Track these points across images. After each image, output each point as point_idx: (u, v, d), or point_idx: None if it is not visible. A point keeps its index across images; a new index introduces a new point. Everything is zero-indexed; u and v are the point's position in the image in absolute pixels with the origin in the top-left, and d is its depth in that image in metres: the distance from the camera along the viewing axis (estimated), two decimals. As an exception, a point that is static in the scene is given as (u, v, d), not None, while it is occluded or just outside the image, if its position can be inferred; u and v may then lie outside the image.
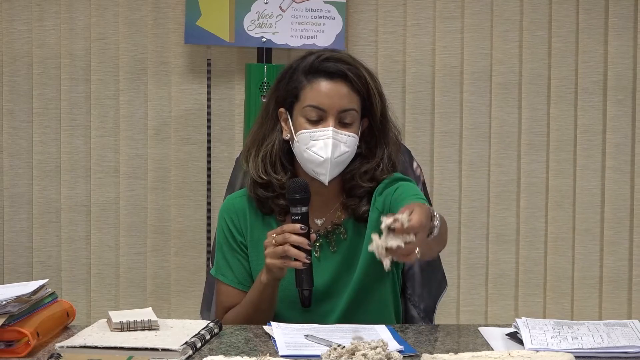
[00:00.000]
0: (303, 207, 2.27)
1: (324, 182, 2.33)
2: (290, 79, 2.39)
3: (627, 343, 2.03)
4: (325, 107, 2.33)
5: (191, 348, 1.99)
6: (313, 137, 2.32)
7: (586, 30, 4.02)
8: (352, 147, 2.35)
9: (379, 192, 2.39)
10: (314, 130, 2.32)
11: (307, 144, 2.32)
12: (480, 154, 4.04)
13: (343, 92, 2.35)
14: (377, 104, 2.39)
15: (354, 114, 2.35)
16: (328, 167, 2.31)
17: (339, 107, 2.33)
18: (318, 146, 2.32)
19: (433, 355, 1.91)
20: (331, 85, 2.34)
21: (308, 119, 2.34)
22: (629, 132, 4.04)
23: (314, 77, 2.36)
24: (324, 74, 2.35)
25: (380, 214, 2.35)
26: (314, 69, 2.36)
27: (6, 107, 4.04)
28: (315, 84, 2.35)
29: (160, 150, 4.02)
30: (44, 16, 4.00)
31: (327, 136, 2.32)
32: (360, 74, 2.37)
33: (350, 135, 2.34)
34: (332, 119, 2.33)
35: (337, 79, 2.35)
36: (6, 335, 1.99)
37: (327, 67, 2.35)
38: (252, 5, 3.84)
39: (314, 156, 2.32)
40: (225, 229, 2.44)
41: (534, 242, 4.06)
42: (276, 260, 2.24)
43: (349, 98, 2.35)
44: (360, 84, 2.36)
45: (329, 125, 2.32)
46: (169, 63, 4.01)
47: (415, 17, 4.02)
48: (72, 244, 4.05)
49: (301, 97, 2.36)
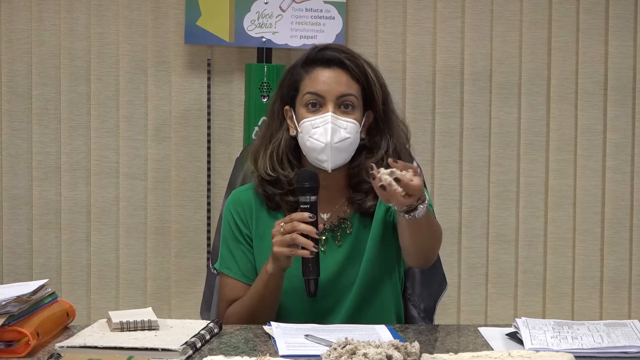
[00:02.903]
0: (312, 196, 2.27)
1: (327, 169, 2.34)
2: (291, 76, 2.40)
3: (627, 343, 2.03)
4: (323, 93, 2.34)
5: (191, 348, 1.99)
6: (314, 125, 2.33)
7: (586, 30, 4.02)
8: (353, 133, 2.35)
9: None
10: (314, 117, 2.34)
11: (309, 132, 2.34)
12: (480, 153, 4.04)
13: (341, 79, 2.36)
14: (378, 92, 2.39)
15: (353, 99, 2.36)
16: (329, 152, 2.32)
17: (337, 92, 2.34)
18: (319, 133, 2.33)
19: (433, 355, 1.91)
20: (328, 72, 2.36)
21: (307, 108, 2.35)
22: (629, 132, 4.04)
23: (311, 67, 2.38)
24: (321, 62, 2.37)
25: (387, 209, 2.37)
26: (311, 60, 2.39)
27: (5, 108, 4.03)
28: (312, 73, 2.37)
29: (160, 150, 4.02)
30: (44, 16, 4.00)
31: (326, 121, 2.32)
32: (358, 63, 2.38)
33: (350, 121, 2.34)
34: (331, 105, 2.34)
35: (334, 66, 2.37)
36: (6, 335, 1.99)
37: (324, 56, 2.38)
38: (252, 5, 3.84)
39: (316, 143, 2.33)
40: (230, 222, 2.45)
41: (534, 242, 4.06)
42: (284, 249, 2.25)
43: (347, 84, 2.36)
44: (358, 71, 2.37)
45: (328, 111, 2.33)
46: (169, 63, 4.00)
47: (415, 17, 4.02)
48: (72, 245, 4.05)
49: (300, 88, 2.38)
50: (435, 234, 2.29)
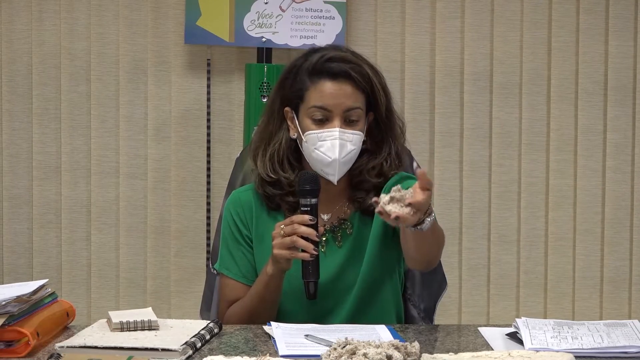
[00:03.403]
0: (313, 198, 2.27)
1: (332, 181, 2.35)
2: (294, 80, 2.39)
3: (627, 343, 2.03)
4: (330, 108, 2.34)
5: (191, 348, 1.99)
6: (320, 138, 2.33)
7: (586, 30, 4.02)
8: (357, 144, 2.36)
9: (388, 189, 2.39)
10: (322, 131, 2.33)
11: (315, 144, 2.33)
12: (481, 154, 4.04)
13: (347, 92, 2.35)
14: (382, 99, 2.40)
15: (359, 112, 2.36)
16: (336, 167, 2.33)
17: (344, 106, 2.34)
18: (326, 147, 2.33)
19: (433, 355, 1.91)
20: (335, 85, 2.35)
21: (314, 120, 2.35)
22: (629, 132, 4.04)
23: (317, 78, 2.36)
24: (328, 74, 2.36)
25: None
26: (317, 70, 2.36)
27: (6, 107, 4.03)
28: (319, 85, 2.35)
29: (160, 150, 4.02)
30: (44, 16, 4.00)
31: (334, 137, 2.32)
32: (363, 72, 2.37)
33: (356, 133, 2.35)
34: (337, 119, 2.34)
35: (341, 78, 2.36)
36: (6, 335, 1.99)
37: (330, 68, 2.36)
38: (252, 5, 3.84)
39: (322, 156, 2.33)
40: (230, 222, 2.45)
41: (535, 242, 4.06)
42: (284, 251, 2.25)
43: (354, 97, 2.36)
44: (364, 82, 2.37)
45: (335, 126, 2.33)
46: (169, 63, 4.00)
47: (415, 16, 4.01)
48: (72, 244, 4.05)
49: (306, 98, 2.36)
50: (438, 240, 2.28)
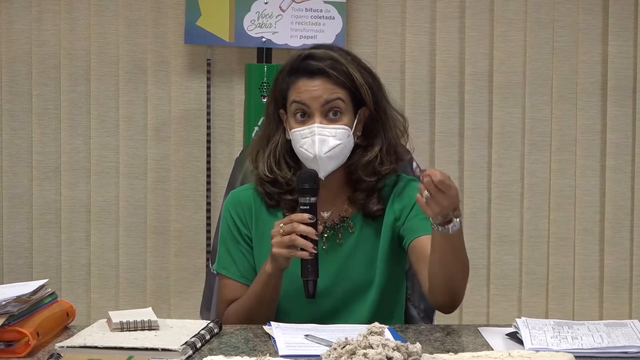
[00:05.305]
0: (312, 197, 2.27)
1: (320, 177, 2.34)
2: (281, 81, 2.40)
3: (627, 343, 2.02)
4: (307, 102, 2.33)
5: (191, 348, 1.99)
6: (302, 135, 2.33)
7: (586, 30, 4.02)
8: (344, 138, 2.34)
9: (397, 193, 2.39)
10: (302, 128, 2.34)
11: (299, 142, 2.34)
12: (482, 154, 4.04)
13: (325, 87, 2.34)
14: (367, 93, 2.37)
15: (339, 103, 2.34)
16: (318, 163, 2.32)
17: (321, 100, 2.33)
18: (307, 144, 2.33)
19: (433, 355, 1.91)
20: (312, 82, 2.35)
21: (296, 118, 2.35)
22: (629, 132, 4.04)
23: (295, 77, 2.37)
24: (304, 72, 2.36)
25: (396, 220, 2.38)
26: (295, 69, 2.37)
27: (5, 107, 4.03)
28: (296, 83, 2.36)
29: (160, 150, 4.02)
30: (44, 16, 4.00)
31: (313, 133, 2.32)
32: (342, 69, 2.35)
33: (339, 128, 2.33)
34: (317, 114, 2.33)
35: (317, 76, 2.35)
36: (6, 335, 1.99)
37: (307, 65, 2.36)
38: (252, 5, 3.84)
39: (306, 153, 2.33)
40: (229, 222, 2.44)
41: (536, 242, 4.06)
42: (283, 250, 2.24)
43: (332, 90, 2.34)
44: (343, 77, 2.35)
45: (315, 122, 2.33)
46: (169, 63, 4.00)
47: (415, 17, 4.01)
48: (72, 244, 4.05)
49: (288, 98, 2.37)
50: (464, 263, 2.25)
